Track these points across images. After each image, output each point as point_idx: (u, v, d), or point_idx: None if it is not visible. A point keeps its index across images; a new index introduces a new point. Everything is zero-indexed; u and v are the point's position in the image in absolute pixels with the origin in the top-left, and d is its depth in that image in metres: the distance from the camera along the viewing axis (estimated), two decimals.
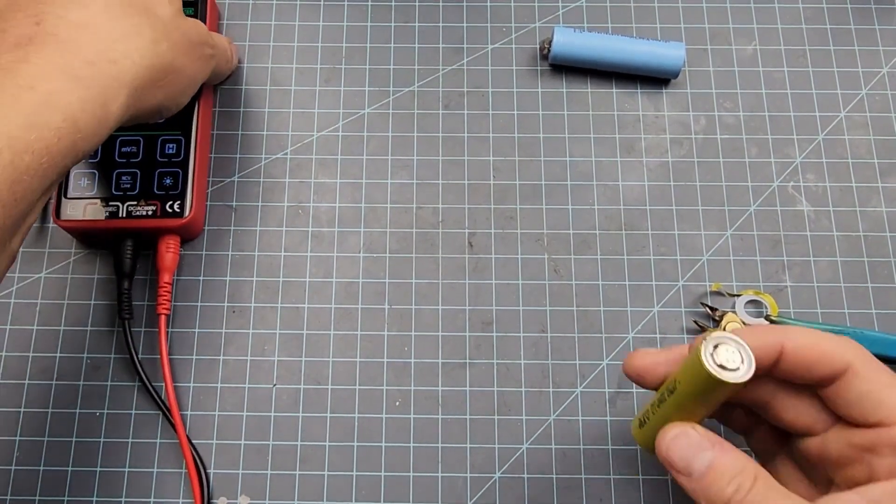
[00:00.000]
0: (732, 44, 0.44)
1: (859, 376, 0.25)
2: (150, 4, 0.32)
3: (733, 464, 0.25)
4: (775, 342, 0.26)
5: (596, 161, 0.42)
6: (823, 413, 0.27)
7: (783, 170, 0.42)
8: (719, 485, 0.24)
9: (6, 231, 0.26)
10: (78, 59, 0.28)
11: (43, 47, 0.28)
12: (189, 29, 0.34)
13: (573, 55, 0.43)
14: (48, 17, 0.29)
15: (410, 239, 0.41)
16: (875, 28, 0.45)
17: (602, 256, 0.40)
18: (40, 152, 0.26)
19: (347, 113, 0.43)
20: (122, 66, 0.29)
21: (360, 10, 0.45)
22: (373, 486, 0.37)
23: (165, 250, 0.38)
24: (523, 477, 0.37)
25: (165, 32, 0.32)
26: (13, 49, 0.28)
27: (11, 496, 0.36)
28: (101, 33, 0.29)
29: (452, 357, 0.39)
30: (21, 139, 0.26)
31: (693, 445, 0.25)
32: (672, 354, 0.28)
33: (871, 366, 0.25)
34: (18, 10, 0.29)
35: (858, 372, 0.25)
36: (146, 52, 0.30)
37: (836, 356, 0.25)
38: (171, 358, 0.38)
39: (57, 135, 0.27)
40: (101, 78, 0.28)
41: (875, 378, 0.25)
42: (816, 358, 0.25)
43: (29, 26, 0.28)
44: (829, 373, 0.25)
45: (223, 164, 0.42)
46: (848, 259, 0.40)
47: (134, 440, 0.37)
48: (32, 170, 0.26)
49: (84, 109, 0.28)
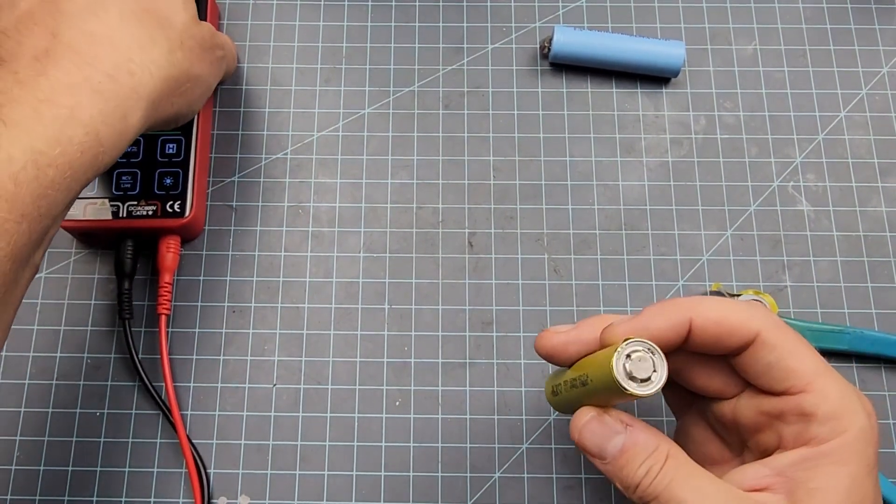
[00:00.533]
0: (732, 44, 0.44)
1: (766, 345, 0.25)
2: (166, 12, 0.32)
3: (645, 445, 0.25)
4: (683, 319, 0.25)
5: (596, 161, 0.42)
6: (734, 378, 0.27)
7: (783, 170, 0.42)
8: (631, 467, 0.25)
9: (31, 245, 0.26)
10: (97, 72, 0.28)
11: (61, 60, 0.28)
12: (202, 34, 0.34)
13: (574, 54, 0.43)
14: (65, 28, 0.29)
15: (410, 239, 0.41)
16: (875, 28, 0.45)
17: (602, 256, 0.40)
18: (64, 167, 0.26)
19: (347, 113, 0.43)
20: (141, 78, 0.29)
21: (360, 10, 0.45)
22: (373, 486, 0.37)
23: (166, 250, 0.38)
24: (523, 477, 0.37)
25: (180, 41, 0.32)
26: (32, 62, 0.28)
27: (11, 496, 0.36)
28: (118, 45, 0.29)
29: (452, 357, 0.39)
30: (46, 154, 0.26)
31: (605, 430, 0.26)
32: (582, 333, 0.27)
33: (778, 333, 0.25)
34: (34, 22, 0.29)
35: (765, 341, 0.25)
36: (163, 62, 0.31)
37: (743, 328, 0.25)
38: (172, 358, 0.38)
39: (80, 149, 0.27)
40: (120, 91, 0.29)
41: (782, 346, 0.25)
42: (725, 332, 0.25)
43: (46, 38, 0.28)
44: (738, 344, 0.25)
45: (223, 164, 0.42)
46: (848, 259, 0.40)
47: (134, 440, 0.37)
48: (57, 184, 0.26)
49: (105, 123, 0.28)
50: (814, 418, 0.25)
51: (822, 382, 0.25)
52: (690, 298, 0.26)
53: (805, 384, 0.25)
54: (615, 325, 0.26)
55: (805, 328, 0.38)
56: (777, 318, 0.26)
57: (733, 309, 0.26)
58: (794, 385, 0.25)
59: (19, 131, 0.26)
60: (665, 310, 0.26)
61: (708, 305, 0.26)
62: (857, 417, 0.25)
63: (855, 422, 0.25)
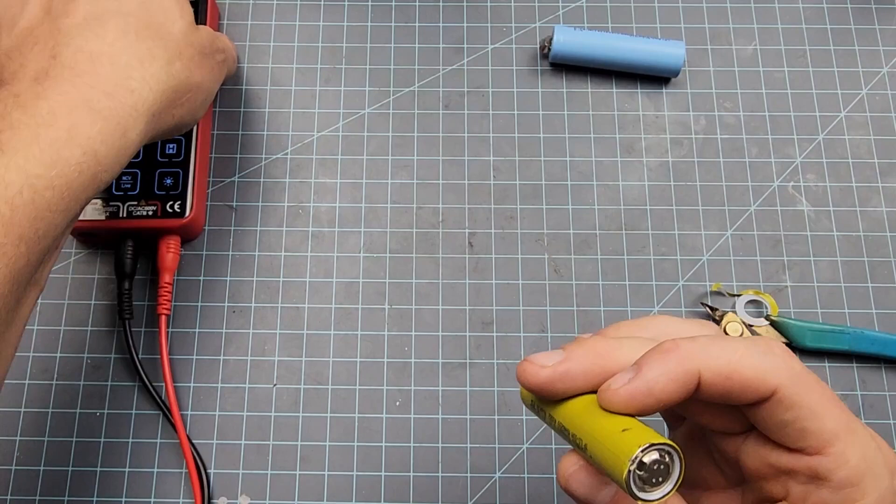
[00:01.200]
0: (732, 44, 0.44)
1: (783, 403, 0.22)
2: (163, 21, 0.32)
3: None
4: (690, 377, 0.22)
5: (596, 161, 0.42)
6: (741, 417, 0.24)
7: (783, 170, 0.42)
8: None
9: (32, 267, 0.26)
10: (96, 91, 0.28)
11: (60, 81, 0.28)
12: (201, 40, 0.34)
13: (574, 53, 0.43)
14: (64, 48, 0.29)
15: (410, 239, 0.41)
16: (875, 28, 0.45)
17: (602, 256, 0.40)
18: (61, 188, 0.26)
19: (347, 113, 0.43)
20: (140, 94, 0.29)
21: (360, 10, 0.45)
22: (373, 486, 0.37)
23: (166, 250, 0.38)
24: (523, 477, 0.37)
25: (178, 50, 0.32)
26: (32, 84, 0.28)
27: (11, 496, 0.36)
28: (117, 62, 0.29)
29: (452, 357, 0.39)
30: (42, 177, 0.26)
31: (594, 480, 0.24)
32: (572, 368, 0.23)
33: (798, 389, 0.22)
34: (35, 43, 0.29)
35: (783, 399, 0.22)
36: (162, 75, 0.31)
37: (758, 382, 0.22)
38: (172, 358, 0.38)
39: (77, 169, 0.27)
40: (119, 108, 0.29)
41: (802, 404, 0.22)
42: (737, 387, 0.22)
43: (45, 59, 0.28)
44: (752, 400, 0.23)
45: (223, 164, 0.42)
46: (848, 259, 0.40)
47: (134, 440, 0.37)
48: (54, 205, 0.26)
49: (104, 142, 0.28)
50: (828, 484, 0.22)
51: (842, 445, 0.22)
52: (697, 344, 0.22)
53: (823, 446, 0.22)
54: (616, 391, 0.22)
55: (805, 328, 0.38)
56: (798, 365, 0.23)
57: (747, 359, 0.22)
58: (810, 446, 0.22)
59: (15, 155, 0.26)
60: (669, 365, 0.22)
61: (717, 355, 0.22)
62: (879, 482, 0.22)
63: (875, 487, 0.22)
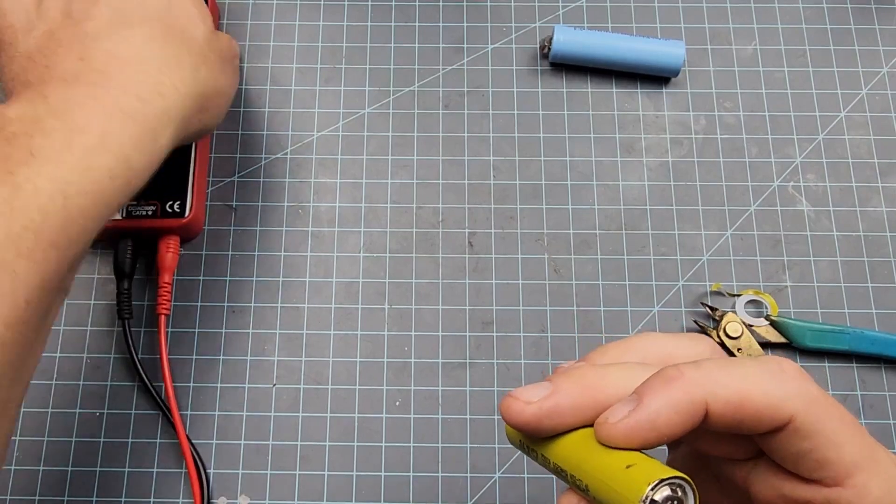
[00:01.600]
0: (732, 44, 0.44)
1: (800, 432, 0.20)
2: (186, 26, 0.32)
3: None
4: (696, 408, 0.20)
5: (596, 161, 0.42)
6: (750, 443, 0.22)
7: (783, 170, 0.42)
8: None
9: (62, 273, 0.26)
10: (128, 96, 0.28)
11: (92, 85, 0.27)
12: (221, 46, 0.34)
13: (574, 53, 0.43)
14: (92, 52, 0.28)
15: (410, 239, 0.41)
16: (875, 28, 0.45)
17: (602, 256, 0.40)
18: (94, 194, 0.26)
19: (347, 113, 0.43)
20: (171, 99, 0.29)
21: (360, 9, 0.45)
22: (373, 486, 0.37)
23: (165, 250, 0.38)
24: (523, 477, 0.37)
25: (202, 56, 0.32)
26: (61, 87, 0.27)
27: (11, 496, 0.36)
28: (146, 67, 0.29)
29: (452, 357, 0.39)
30: (74, 183, 0.25)
31: None
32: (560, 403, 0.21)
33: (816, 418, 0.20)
34: (59, 45, 0.28)
35: (800, 428, 0.20)
36: (189, 80, 0.30)
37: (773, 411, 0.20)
38: (171, 358, 0.38)
39: (110, 175, 0.27)
40: (151, 113, 0.28)
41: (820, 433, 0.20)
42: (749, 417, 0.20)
43: (73, 62, 0.28)
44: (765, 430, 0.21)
45: (223, 163, 0.42)
46: (848, 259, 0.40)
47: (134, 440, 0.37)
48: (87, 211, 0.26)
49: (136, 147, 0.28)
50: None
51: (864, 477, 0.20)
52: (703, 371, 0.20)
53: (843, 477, 0.20)
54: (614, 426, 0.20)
55: (805, 328, 0.38)
56: (814, 388, 0.21)
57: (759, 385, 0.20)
58: (829, 477, 0.21)
59: (47, 162, 0.25)
60: (673, 395, 0.20)
61: (726, 382, 0.20)
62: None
63: None
